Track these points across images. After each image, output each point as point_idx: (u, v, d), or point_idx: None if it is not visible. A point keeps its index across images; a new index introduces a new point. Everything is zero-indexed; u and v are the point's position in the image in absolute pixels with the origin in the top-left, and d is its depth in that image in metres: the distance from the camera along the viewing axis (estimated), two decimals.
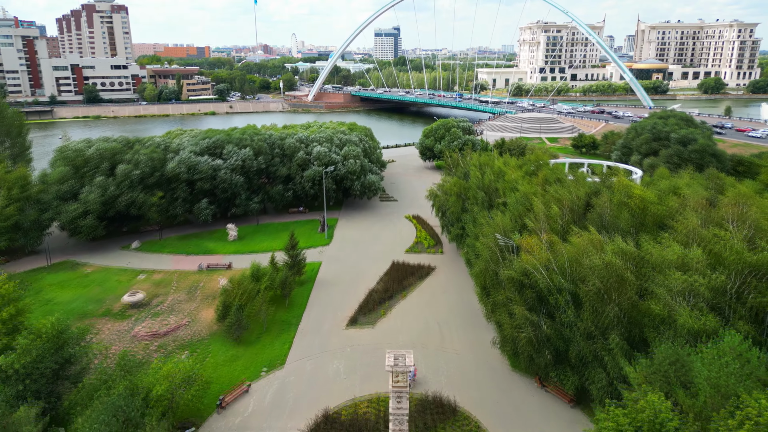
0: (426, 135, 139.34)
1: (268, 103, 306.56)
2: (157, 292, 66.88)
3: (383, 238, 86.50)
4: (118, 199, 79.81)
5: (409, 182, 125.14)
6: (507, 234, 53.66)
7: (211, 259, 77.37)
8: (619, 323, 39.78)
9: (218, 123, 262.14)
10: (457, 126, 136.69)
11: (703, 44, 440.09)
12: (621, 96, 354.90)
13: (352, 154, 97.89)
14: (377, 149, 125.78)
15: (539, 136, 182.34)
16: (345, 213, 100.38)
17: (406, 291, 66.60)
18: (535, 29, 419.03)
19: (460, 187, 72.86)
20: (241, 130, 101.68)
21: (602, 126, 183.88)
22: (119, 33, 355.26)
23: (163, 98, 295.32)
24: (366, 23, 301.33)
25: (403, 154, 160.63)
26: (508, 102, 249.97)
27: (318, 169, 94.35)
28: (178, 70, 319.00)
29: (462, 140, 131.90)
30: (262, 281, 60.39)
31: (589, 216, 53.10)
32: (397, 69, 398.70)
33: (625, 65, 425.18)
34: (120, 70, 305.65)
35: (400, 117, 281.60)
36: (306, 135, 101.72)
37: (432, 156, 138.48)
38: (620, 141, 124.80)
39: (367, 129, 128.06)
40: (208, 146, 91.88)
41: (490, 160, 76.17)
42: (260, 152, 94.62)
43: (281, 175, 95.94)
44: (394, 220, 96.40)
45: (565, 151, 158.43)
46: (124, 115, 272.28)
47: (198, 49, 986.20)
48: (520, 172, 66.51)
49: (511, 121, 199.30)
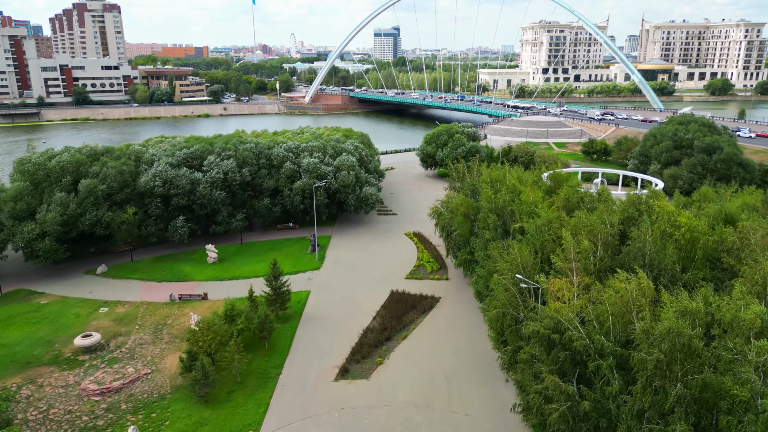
0: (427, 141, 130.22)
1: (264, 105, 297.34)
2: (118, 330, 57.66)
3: (381, 261, 77.31)
4: (81, 218, 70.60)
5: (410, 193, 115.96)
6: (528, 272, 44.52)
7: (184, 288, 68.16)
8: (685, 405, 30.61)
9: (211, 125, 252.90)
10: (461, 132, 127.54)
11: (708, 44, 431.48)
12: (627, 97, 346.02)
13: (346, 165, 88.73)
14: (375, 157, 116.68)
15: (546, 140, 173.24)
16: (339, 229, 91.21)
17: (406, 330, 57.41)
18: (538, 29, 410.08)
19: (468, 206, 63.66)
20: (225, 138, 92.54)
21: (612, 130, 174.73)
22: (111, 33, 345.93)
23: (155, 100, 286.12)
24: (364, 23, 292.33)
25: (403, 161, 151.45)
26: (512, 104, 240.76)
27: (308, 181, 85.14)
28: (170, 71, 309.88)
29: (466, 147, 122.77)
30: (236, 322, 51.23)
31: (626, 250, 43.95)
32: (396, 70, 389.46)
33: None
34: (111, 70, 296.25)
35: (400, 119, 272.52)
36: (296, 144, 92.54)
37: (434, 164, 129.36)
38: (637, 148, 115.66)
39: (364, 135, 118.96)
40: (186, 157, 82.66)
41: (501, 175, 66.98)
42: (245, 163, 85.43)
43: (268, 188, 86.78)
44: (392, 237, 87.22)
45: (575, 158, 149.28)
46: (114, 117, 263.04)
47: (196, 50, 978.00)
48: (538, 193, 57.27)
49: (516, 125, 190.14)
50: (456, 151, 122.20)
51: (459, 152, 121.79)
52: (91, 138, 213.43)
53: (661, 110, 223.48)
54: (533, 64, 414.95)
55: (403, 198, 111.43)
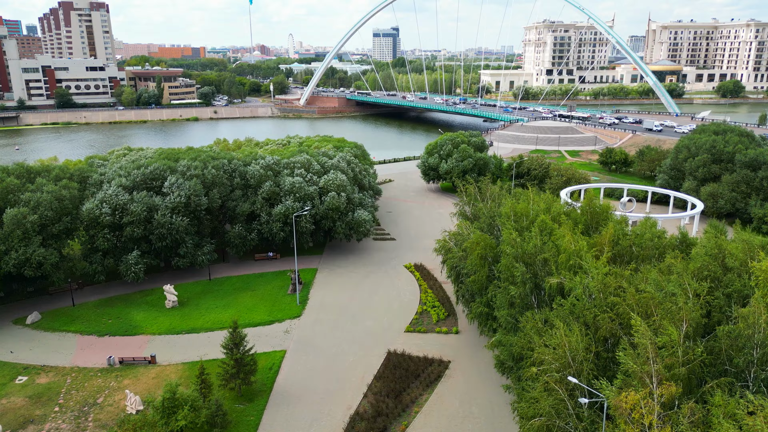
0: (429, 151, 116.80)
1: (257, 108, 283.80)
2: (31, 414, 44.23)
3: (376, 305, 63.90)
4: (5, 257, 57.13)
5: (410, 211, 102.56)
6: (579, 365, 31.20)
7: (129, 346, 54.70)
8: None
9: (200, 130, 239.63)
10: (468, 141, 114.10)
11: (717, 45, 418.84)
12: (635, 100, 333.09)
13: (335, 185, 75.25)
14: (371, 170, 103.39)
15: (558, 148, 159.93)
16: (327, 260, 77.76)
17: (407, 415, 43.97)
18: (542, 29, 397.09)
19: (486, 245, 50.24)
20: (194, 153, 79.07)
21: (629, 137, 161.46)
22: (99, 32, 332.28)
23: (141, 102, 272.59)
24: (359, 23, 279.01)
25: (403, 171, 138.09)
26: (518, 108, 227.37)
27: (291, 205, 71.67)
28: (159, 72, 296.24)
29: (473, 159, 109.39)
30: (177, 416, 37.86)
31: (722, 334, 30.56)
32: (395, 71, 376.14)
33: (633, 68, 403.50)
34: (96, 71, 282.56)
35: (399, 123, 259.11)
36: (276, 160, 79.03)
37: (437, 176, 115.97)
38: (667, 161, 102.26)
39: (358, 146, 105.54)
40: (144, 178, 69.17)
41: (525, 206, 53.50)
42: (214, 184, 71.95)
43: (243, 213, 73.29)
44: (390, 271, 73.81)
45: (591, 168, 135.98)
46: (98, 121, 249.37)
47: (193, 50, 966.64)
48: (581, 241, 43.65)
49: (525, 131, 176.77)
50: (462, 163, 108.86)
51: (465, 165, 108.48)
52: (69, 144, 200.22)
53: (677, 114, 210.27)
54: (536, 65, 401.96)
55: (403, 218, 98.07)
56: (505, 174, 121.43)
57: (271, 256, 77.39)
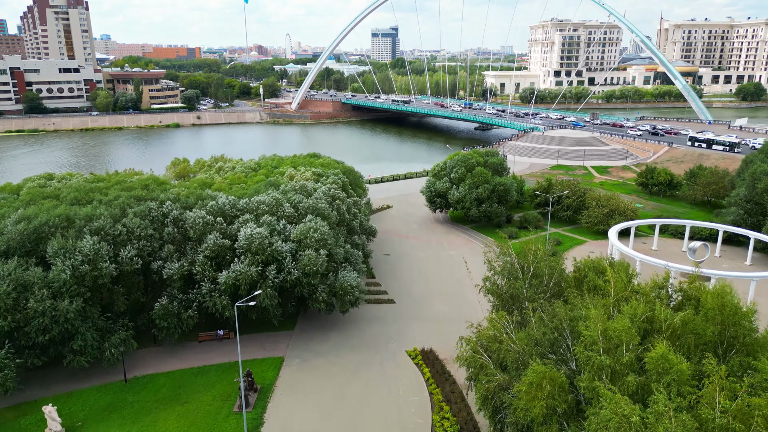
0: (437, 174, 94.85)
1: (244, 113, 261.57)
2: None
3: (366, 429, 42.12)
4: None
5: (413, 253, 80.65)
6: None
7: None
8: None
9: (181, 138, 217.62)
10: (484, 162, 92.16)
11: (733, 45, 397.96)
12: (650, 103, 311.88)
13: (313, 239, 53.26)
14: (363, 203, 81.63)
15: (583, 163, 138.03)
16: (300, 341, 55.71)
17: None
18: (549, 28, 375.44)
19: (555, 388, 28.42)
20: (115, 191, 57.10)
21: (665, 150, 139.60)
22: (77, 31, 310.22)
23: (118, 107, 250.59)
24: (354, 22, 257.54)
25: (403, 193, 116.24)
26: (531, 113, 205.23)
27: (244, 270, 49.70)
28: (138, 74, 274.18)
29: (490, 185, 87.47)
30: None
31: None
32: (394, 72, 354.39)
33: (646, 69, 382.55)
34: (70, 73, 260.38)
35: (398, 130, 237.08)
36: (233, 201, 57.02)
37: (445, 205, 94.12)
38: (740, 191, 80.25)
39: (347, 170, 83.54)
40: (21, 241, 47.06)
41: (624, 324, 31.38)
42: (132, 238, 49.98)
43: (174, 278, 51.22)
44: (387, 363, 51.83)
45: (626, 190, 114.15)
46: (68, 128, 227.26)
47: (188, 50, 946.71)
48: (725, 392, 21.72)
49: (542, 141, 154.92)
50: (476, 190, 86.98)
51: (481, 192, 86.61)
52: (11, 162, 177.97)
53: (710, 122, 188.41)
54: (543, 66, 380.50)
55: (404, 264, 76.13)
56: (529, 201, 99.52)
57: (220, 335, 55.42)
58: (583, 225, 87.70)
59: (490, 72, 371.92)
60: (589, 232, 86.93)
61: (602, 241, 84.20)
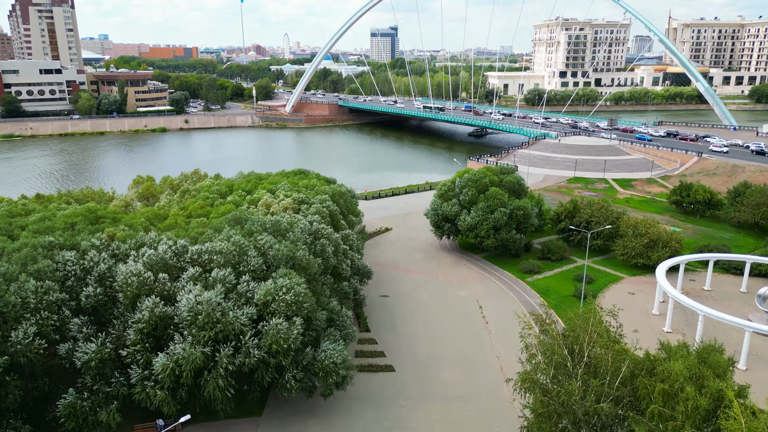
0: (443, 195, 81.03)
1: (235, 117, 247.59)
2: None
3: None
4: None
5: (416, 295, 66.97)
6: None
7: None
8: None
9: (165, 144, 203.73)
10: (498, 181, 78.40)
11: (744, 45, 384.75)
12: (660, 105, 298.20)
13: (283, 303, 39.54)
14: (356, 228, 68.10)
15: (603, 176, 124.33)
16: None
17: None
18: (554, 27, 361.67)
19: None
20: (28, 233, 43.40)
21: (695, 161, 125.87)
22: (61, 30, 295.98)
23: (102, 110, 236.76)
24: (350, 21, 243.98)
25: (404, 212, 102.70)
26: (542, 118, 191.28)
27: (189, 352, 36.01)
28: (124, 75, 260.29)
29: (507, 209, 73.79)
30: None
31: None
32: (393, 72, 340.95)
33: (654, 69, 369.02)
34: (52, 74, 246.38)
35: (398, 134, 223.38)
36: (181, 247, 43.32)
37: (454, 231, 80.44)
38: None
39: (338, 191, 69.74)
40: None
41: None
42: (28, 308, 36.28)
43: (90, 364, 37.38)
44: None
45: (656, 208, 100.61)
46: (46, 133, 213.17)
47: (185, 50, 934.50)
48: None
49: (556, 150, 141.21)
50: (491, 216, 73.27)
51: (498, 218, 72.92)
52: None
53: (735, 128, 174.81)
54: (548, 67, 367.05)
55: (406, 311, 62.42)
56: (550, 226, 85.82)
57: (161, 425, 41.72)
58: (617, 256, 74.15)
59: (493, 73, 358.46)
60: (624, 264, 73.38)
61: (642, 277, 70.66)
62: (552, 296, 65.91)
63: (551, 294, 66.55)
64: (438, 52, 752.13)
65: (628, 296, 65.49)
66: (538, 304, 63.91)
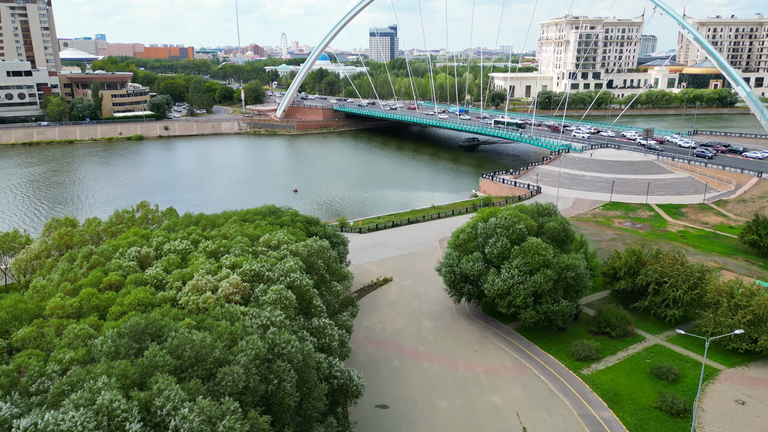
0: (461, 245, 60.14)
1: (220, 123, 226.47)
2: None
3: None
4: None
5: (427, 402, 46.15)
6: None
7: None
8: None
9: (143, 155, 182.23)
10: (538, 228, 57.63)
11: (762, 44, 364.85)
12: (679, 109, 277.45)
13: None
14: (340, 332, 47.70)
15: (646, 201, 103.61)
16: None
17: None
18: (563, 25, 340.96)
19: None
20: None
21: (754, 182, 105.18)
22: (36, 29, 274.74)
23: (74, 116, 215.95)
24: (345, 19, 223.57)
25: (408, 251, 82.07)
26: (562, 126, 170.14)
27: None
28: (99, 77, 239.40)
29: (555, 271, 53.05)
30: None
31: None
32: (393, 73, 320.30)
33: (669, 70, 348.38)
34: (21, 77, 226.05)
35: (398, 142, 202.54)
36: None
37: (477, 293, 59.74)
38: None
39: (317, 252, 49.00)
40: None
41: None
42: None
43: None
44: None
45: (722, 248, 79.94)
46: (8, 142, 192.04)
47: (181, 50, 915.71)
48: None
49: (585, 167, 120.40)
50: (531, 279, 52.59)
51: (538, 281, 52.21)
52: None
53: None
54: (557, 68, 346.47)
55: (411, 425, 41.89)
56: (600, 278, 65.02)
57: None
58: (703, 333, 53.60)
59: (498, 74, 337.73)
60: (717, 346, 52.83)
61: (745, 369, 50.14)
62: (626, 407, 45.36)
63: (624, 402, 46.01)
64: (438, 52, 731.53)
65: (736, 408, 44.98)
66: (606, 420, 43.52)
